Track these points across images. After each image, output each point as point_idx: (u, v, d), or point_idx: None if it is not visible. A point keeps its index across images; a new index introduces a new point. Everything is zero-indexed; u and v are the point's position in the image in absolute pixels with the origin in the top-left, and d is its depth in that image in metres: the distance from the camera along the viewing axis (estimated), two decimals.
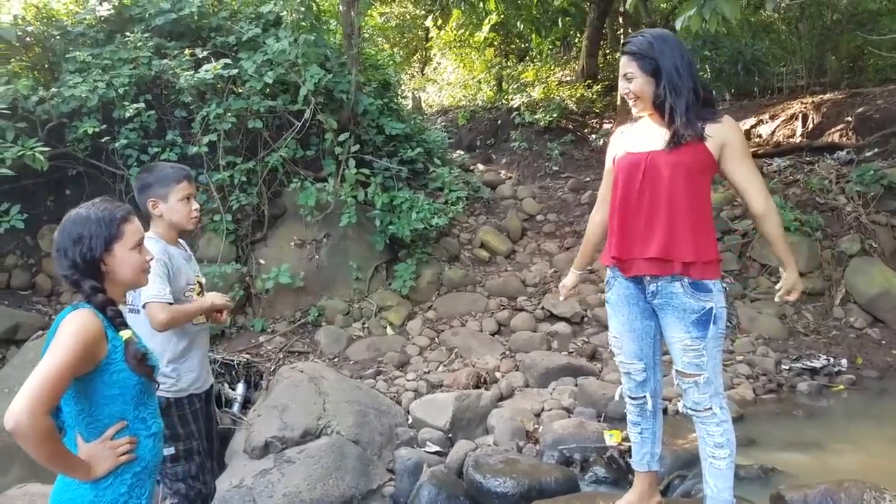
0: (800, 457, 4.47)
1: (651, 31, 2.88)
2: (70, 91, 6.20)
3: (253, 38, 6.89)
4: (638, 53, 2.81)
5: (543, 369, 5.95)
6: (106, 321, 2.00)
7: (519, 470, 4.01)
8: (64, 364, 1.84)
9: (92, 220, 2.05)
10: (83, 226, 2.04)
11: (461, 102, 13.85)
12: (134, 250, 2.12)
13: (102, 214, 2.07)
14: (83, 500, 1.99)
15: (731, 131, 2.80)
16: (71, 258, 2.02)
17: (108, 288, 2.07)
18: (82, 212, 2.08)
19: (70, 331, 1.89)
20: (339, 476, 4.44)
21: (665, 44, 2.80)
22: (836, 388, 5.91)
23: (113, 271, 2.08)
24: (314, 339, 6.72)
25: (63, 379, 1.85)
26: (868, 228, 7.51)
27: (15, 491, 4.20)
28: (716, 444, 2.89)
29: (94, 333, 1.93)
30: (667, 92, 2.78)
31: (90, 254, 2.03)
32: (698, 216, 2.80)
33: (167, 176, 3.00)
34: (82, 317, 1.94)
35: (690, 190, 2.78)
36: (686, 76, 2.78)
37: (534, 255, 8.41)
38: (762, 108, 11.99)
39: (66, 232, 2.05)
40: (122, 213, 2.11)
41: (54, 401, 1.84)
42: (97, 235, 2.04)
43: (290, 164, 7.21)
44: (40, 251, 7.03)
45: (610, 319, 3.11)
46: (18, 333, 6.34)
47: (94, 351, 1.94)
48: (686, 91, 2.76)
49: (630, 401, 3.13)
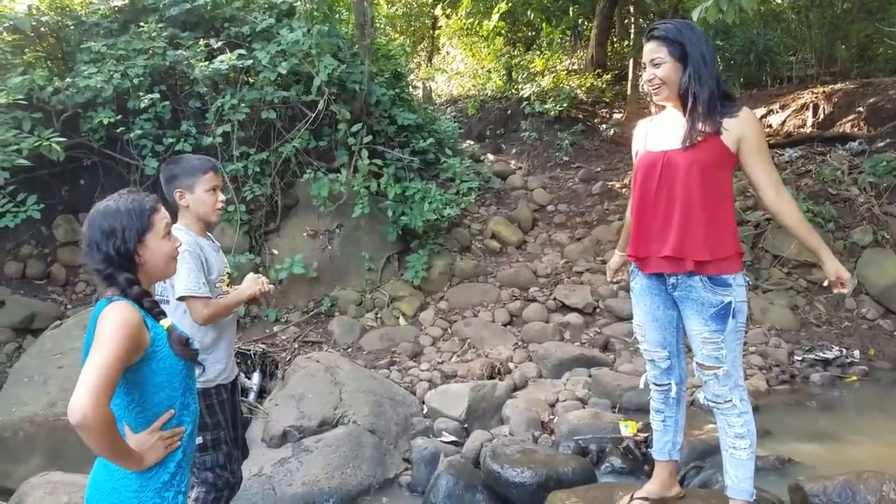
0: (815, 447, 4.49)
1: (676, 20, 2.89)
2: (85, 81, 6.23)
3: (267, 28, 6.89)
4: (667, 38, 2.80)
5: (557, 360, 5.97)
6: (143, 312, 2.01)
7: (536, 460, 4.03)
8: (114, 356, 1.86)
9: (122, 212, 2.03)
10: (114, 218, 2.02)
11: (470, 92, 13.82)
12: (164, 238, 2.12)
13: (132, 206, 2.05)
14: (128, 489, 2.01)
15: (748, 125, 2.79)
16: (104, 252, 2.01)
17: (141, 278, 2.07)
18: (111, 204, 2.06)
19: (113, 323, 1.90)
20: (357, 465, 4.48)
21: (692, 31, 2.81)
22: (850, 380, 5.93)
23: (146, 262, 2.07)
24: (328, 329, 6.75)
25: (116, 371, 1.87)
26: (881, 220, 7.50)
27: (37, 479, 4.24)
28: (736, 434, 2.92)
29: (136, 324, 1.95)
30: (692, 79, 2.78)
31: (124, 246, 2.01)
32: (715, 213, 2.80)
33: (194, 167, 3.02)
34: (121, 309, 1.95)
35: (707, 187, 2.79)
36: (711, 66, 2.79)
37: (545, 245, 8.43)
38: (772, 97, 11.94)
39: (96, 225, 2.02)
40: (151, 202, 2.10)
41: (111, 392, 1.86)
42: (129, 227, 2.02)
43: (302, 154, 7.23)
44: (55, 241, 7.07)
45: (634, 308, 3.15)
46: (34, 323, 6.40)
47: (138, 341, 1.95)
48: (710, 80, 2.77)
49: (654, 387, 3.17)
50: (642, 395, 5.31)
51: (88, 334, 1.97)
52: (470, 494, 3.97)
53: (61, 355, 5.01)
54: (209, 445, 2.96)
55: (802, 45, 13.46)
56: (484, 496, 3.98)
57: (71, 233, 7.09)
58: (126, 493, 2.01)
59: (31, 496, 4.06)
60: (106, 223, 2.02)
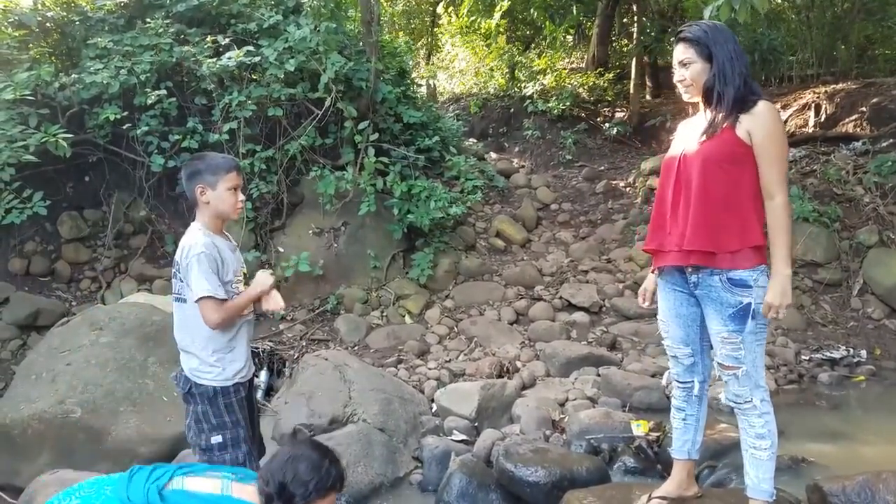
0: (827, 447, 4.49)
1: (705, 21, 2.93)
2: (91, 77, 6.21)
3: (274, 25, 6.87)
4: (694, 40, 2.85)
5: (565, 359, 5.97)
6: None
7: (549, 459, 4.01)
8: None
9: (323, 476, 2.27)
10: (313, 474, 2.26)
11: (472, 90, 13.81)
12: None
13: (333, 474, 2.30)
14: None
15: (758, 118, 2.78)
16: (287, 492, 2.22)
17: None
18: (317, 458, 2.31)
19: None
20: (368, 463, 4.47)
21: (718, 33, 2.85)
22: (857, 379, 5.93)
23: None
24: (334, 327, 6.74)
25: None
26: (886, 219, 7.50)
27: (48, 476, 4.21)
28: (757, 435, 2.91)
29: None
30: (717, 79, 2.82)
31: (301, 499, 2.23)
32: (727, 206, 2.80)
33: (218, 165, 3.00)
34: None
35: (719, 180, 2.79)
36: (738, 64, 2.81)
37: (549, 244, 8.42)
38: (774, 97, 11.93)
39: (296, 467, 2.26)
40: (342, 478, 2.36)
41: None
42: (312, 489, 2.24)
43: (308, 152, 7.21)
44: (60, 238, 7.04)
45: (658, 304, 3.16)
46: (39, 320, 6.38)
47: None
48: (737, 78, 2.79)
49: (677, 384, 3.16)
50: (652, 394, 5.34)
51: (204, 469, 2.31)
52: (483, 493, 3.96)
53: (69, 352, 4.98)
54: (229, 444, 2.94)
55: (803, 45, 13.48)
56: (497, 495, 3.97)
57: (75, 229, 7.06)
58: None
59: (41, 494, 4.02)
60: (304, 469, 2.24)
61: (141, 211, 7.24)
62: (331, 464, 2.30)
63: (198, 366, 2.94)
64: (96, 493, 2.23)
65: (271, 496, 2.19)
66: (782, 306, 2.74)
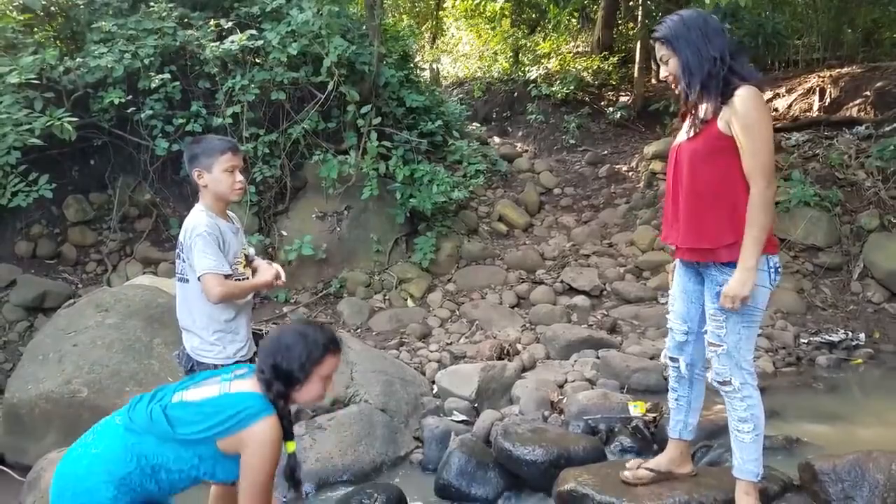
0: (822, 428, 4.54)
1: (672, 15, 2.96)
2: (95, 61, 6.23)
3: (277, 8, 6.88)
4: (662, 38, 2.92)
5: (565, 342, 6.02)
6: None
7: (547, 438, 4.07)
8: (267, 483, 2.17)
9: (309, 342, 2.28)
10: (298, 343, 2.27)
11: (476, 74, 13.79)
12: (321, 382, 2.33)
13: (318, 339, 2.29)
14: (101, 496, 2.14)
15: (737, 105, 2.76)
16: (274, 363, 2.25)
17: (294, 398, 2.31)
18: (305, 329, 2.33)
19: (270, 449, 2.16)
20: (369, 443, 4.55)
21: (681, 24, 2.88)
22: (855, 362, 5.97)
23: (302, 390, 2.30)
24: (337, 311, 6.80)
25: (268, 491, 2.20)
26: (887, 204, 7.51)
27: (55, 454, 4.28)
28: (739, 418, 2.98)
29: (280, 445, 2.21)
30: (683, 73, 2.88)
31: (293, 371, 2.24)
32: (719, 201, 2.84)
33: (213, 147, 3.06)
34: (273, 429, 2.17)
35: (709, 176, 2.85)
36: (709, 49, 2.81)
37: (552, 228, 8.46)
38: (778, 81, 11.91)
39: (283, 339, 2.30)
40: (334, 346, 2.34)
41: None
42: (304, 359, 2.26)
43: (311, 136, 7.25)
44: (66, 221, 7.11)
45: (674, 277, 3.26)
46: (46, 302, 6.46)
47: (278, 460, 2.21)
48: (706, 64, 2.81)
49: (669, 362, 3.25)
50: (650, 376, 5.40)
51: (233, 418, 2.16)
52: (482, 472, 4.03)
53: (75, 333, 5.04)
54: None
55: (809, 29, 13.42)
56: (495, 473, 4.03)
57: (81, 213, 7.13)
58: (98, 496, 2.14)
59: (48, 472, 4.10)
60: (293, 343, 2.27)
61: (146, 194, 7.30)
62: (316, 330, 2.32)
63: (199, 344, 3.01)
64: (107, 425, 2.27)
65: (270, 381, 2.21)
66: (737, 298, 2.76)
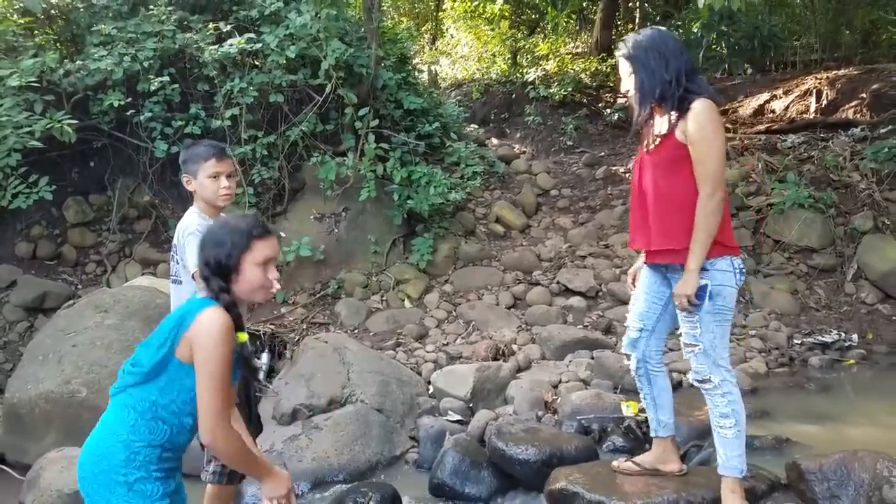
0: (812, 428, 4.59)
1: (640, 34, 3.13)
2: (95, 64, 6.29)
3: (275, 11, 6.93)
4: (623, 56, 3.11)
5: (560, 342, 6.07)
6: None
7: (540, 438, 4.14)
8: (224, 373, 2.08)
9: (232, 228, 2.22)
10: (225, 232, 2.22)
11: (475, 76, 13.85)
12: (259, 267, 2.21)
13: (242, 226, 2.22)
14: (117, 458, 2.11)
15: (692, 118, 2.94)
16: (207, 257, 2.21)
17: (234, 294, 2.21)
18: (230, 219, 2.29)
19: (217, 335, 2.07)
20: (365, 442, 4.61)
21: (642, 48, 3.05)
22: (848, 363, 6.02)
23: (238, 281, 2.20)
24: (334, 311, 6.85)
25: (227, 384, 2.09)
26: (881, 206, 7.57)
27: (54, 454, 4.35)
28: (721, 414, 3.09)
29: (233, 335, 2.12)
30: (637, 91, 3.07)
31: (224, 259, 2.18)
32: (683, 208, 2.98)
33: (198, 154, 3.14)
34: (220, 316, 2.10)
35: (672, 186, 3.02)
36: (663, 69, 2.98)
37: (548, 229, 8.51)
38: (776, 83, 11.98)
39: (210, 233, 2.26)
40: (259, 230, 2.24)
41: (229, 407, 2.13)
42: (233, 244, 2.19)
43: (310, 138, 7.30)
44: (66, 222, 7.16)
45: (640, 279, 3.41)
46: (45, 302, 6.51)
47: (233, 348, 2.12)
48: (659, 86, 2.99)
49: (626, 357, 3.45)
50: None
51: (179, 322, 2.13)
52: (475, 471, 4.09)
53: (75, 334, 5.11)
54: None
55: (807, 31, 13.48)
56: (489, 473, 4.09)
57: (81, 214, 7.19)
58: (113, 460, 2.11)
59: (48, 470, 4.18)
60: (217, 234, 2.23)
61: (145, 196, 7.35)
62: (240, 218, 2.29)
63: None
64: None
65: (208, 278, 2.19)
66: (681, 296, 2.97)
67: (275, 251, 2.28)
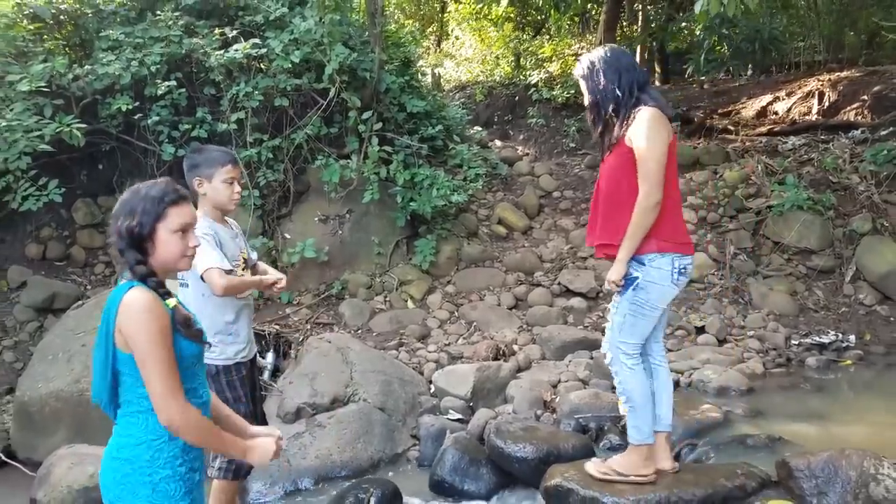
0: (806, 427, 4.66)
1: (592, 55, 3.47)
2: (104, 69, 6.39)
3: (280, 17, 7.04)
4: (580, 76, 3.49)
5: (560, 343, 6.16)
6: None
7: (538, 436, 4.23)
8: (161, 352, 2.01)
9: (143, 196, 2.13)
10: (135, 200, 2.13)
11: (479, 78, 13.92)
12: (176, 234, 2.15)
13: (154, 193, 2.14)
14: (141, 459, 2.11)
15: (635, 125, 3.23)
16: (119, 228, 2.12)
17: (153, 265, 2.15)
18: (140, 187, 2.18)
19: (142, 317, 2.01)
20: (367, 440, 4.71)
21: (593, 69, 3.41)
22: (845, 363, 6.09)
23: (155, 250, 2.14)
24: (338, 312, 6.96)
25: (172, 364, 2.03)
26: (880, 207, 7.63)
27: (64, 451, 4.48)
28: (617, 390, 3.53)
29: (160, 310, 2.05)
30: (588, 110, 3.46)
31: (137, 229, 2.10)
32: (626, 207, 3.25)
33: (214, 158, 3.23)
34: (142, 296, 2.03)
35: (618, 186, 3.31)
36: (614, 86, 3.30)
37: (550, 231, 8.59)
38: (779, 84, 12.02)
39: (122, 203, 2.15)
40: (173, 196, 2.16)
41: (181, 387, 2.05)
42: (145, 213, 2.11)
43: (314, 141, 7.39)
44: (75, 224, 7.27)
45: None
46: (55, 303, 6.61)
47: (166, 323, 2.06)
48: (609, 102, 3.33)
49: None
50: None
51: (106, 317, 2.07)
52: (474, 468, 4.19)
53: (84, 333, 5.22)
54: None
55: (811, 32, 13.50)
56: (488, 470, 4.20)
57: (90, 216, 7.30)
58: (138, 462, 2.11)
59: (58, 467, 4.30)
60: (129, 203, 2.14)
61: None
62: (151, 185, 2.17)
63: None
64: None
65: (123, 251, 2.11)
66: (608, 281, 3.32)
67: (191, 217, 2.21)
